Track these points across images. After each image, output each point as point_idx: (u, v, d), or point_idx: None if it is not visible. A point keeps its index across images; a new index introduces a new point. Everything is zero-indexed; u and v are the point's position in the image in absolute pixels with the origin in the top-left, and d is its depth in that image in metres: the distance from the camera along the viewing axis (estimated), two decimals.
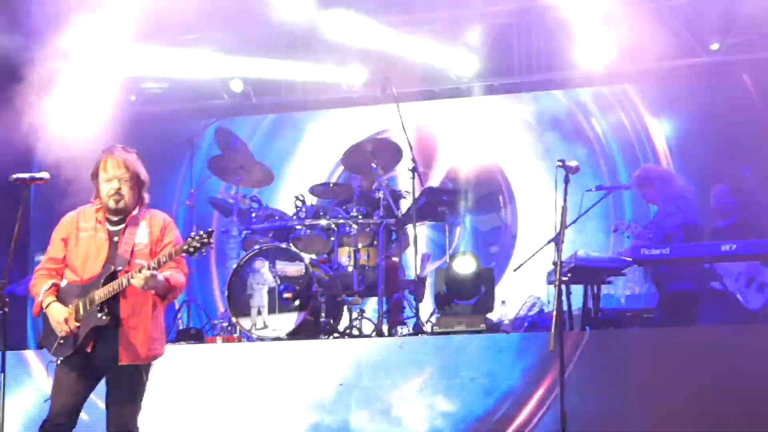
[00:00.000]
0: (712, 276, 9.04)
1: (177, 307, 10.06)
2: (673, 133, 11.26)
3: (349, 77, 11.47)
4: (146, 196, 6.10)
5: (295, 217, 9.52)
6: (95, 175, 5.99)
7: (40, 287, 5.87)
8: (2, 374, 5.51)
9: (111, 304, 5.82)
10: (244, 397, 8.11)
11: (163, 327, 6.10)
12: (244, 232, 9.58)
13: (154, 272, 5.69)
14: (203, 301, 10.24)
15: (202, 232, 5.69)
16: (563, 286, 8.42)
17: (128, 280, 5.72)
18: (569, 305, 8.78)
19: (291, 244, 9.24)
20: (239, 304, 8.93)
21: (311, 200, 9.74)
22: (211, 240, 5.67)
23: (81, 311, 5.79)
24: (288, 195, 9.83)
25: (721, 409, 7.32)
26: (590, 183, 9.48)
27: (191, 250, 5.68)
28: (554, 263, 6.64)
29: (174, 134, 11.29)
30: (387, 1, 11.02)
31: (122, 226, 5.97)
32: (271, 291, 8.89)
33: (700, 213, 9.59)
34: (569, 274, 8.52)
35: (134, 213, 6.02)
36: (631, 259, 8.81)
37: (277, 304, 8.88)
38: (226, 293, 9.05)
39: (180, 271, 5.97)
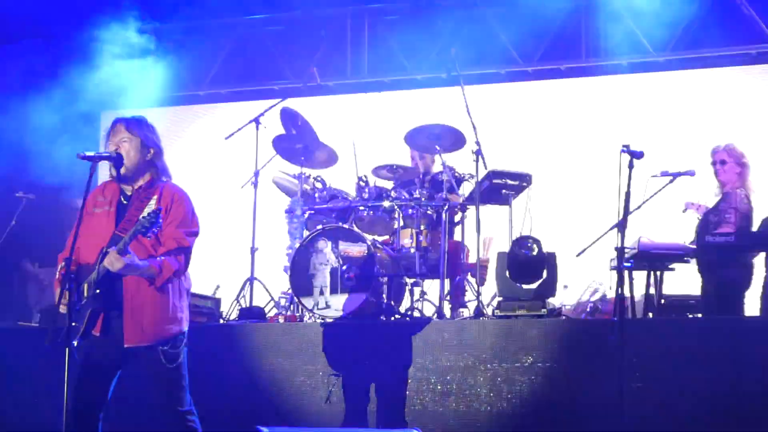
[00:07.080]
0: None
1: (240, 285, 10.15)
2: (742, 120, 11.10)
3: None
4: (160, 166, 5.81)
5: (358, 198, 9.55)
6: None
7: (58, 269, 5.70)
8: (66, 348, 5.53)
9: (113, 284, 5.61)
10: (304, 376, 8.18)
11: (180, 305, 5.78)
12: (308, 212, 9.62)
13: (121, 256, 5.42)
14: (266, 280, 10.29)
15: (150, 212, 5.44)
16: (625, 273, 8.36)
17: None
18: (632, 292, 8.72)
19: (354, 225, 9.27)
20: (302, 283, 8.98)
21: (374, 181, 9.76)
22: (159, 220, 5.40)
23: (85, 294, 5.63)
24: (352, 176, 9.85)
25: None
26: (657, 169, 9.37)
27: (143, 230, 5.41)
28: (617, 249, 6.61)
29: (240, 114, 11.33)
30: None
31: None
32: (333, 271, 8.94)
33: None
34: (632, 261, 8.48)
35: (140, 183, 5.77)
36: (695, 246, 8.72)
37: (339, 285, 8.93)
38: (288, 272, 9.12)
39: (177, 256, 5.64)
